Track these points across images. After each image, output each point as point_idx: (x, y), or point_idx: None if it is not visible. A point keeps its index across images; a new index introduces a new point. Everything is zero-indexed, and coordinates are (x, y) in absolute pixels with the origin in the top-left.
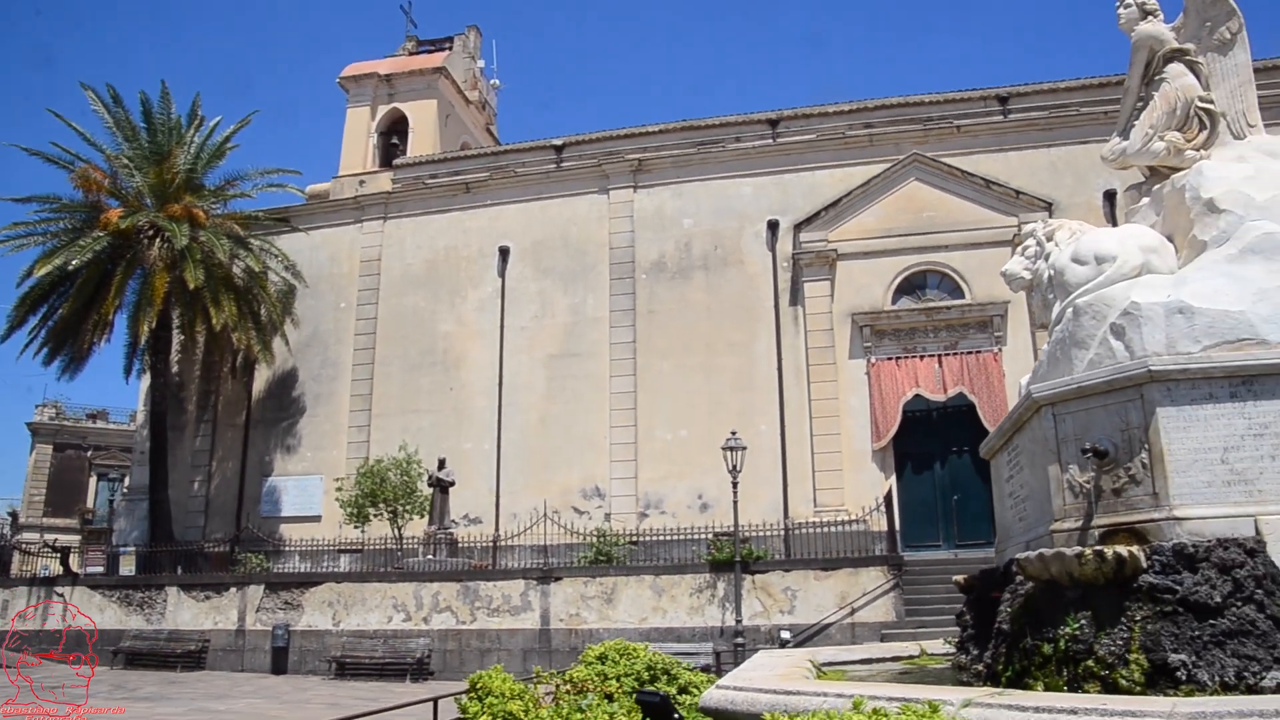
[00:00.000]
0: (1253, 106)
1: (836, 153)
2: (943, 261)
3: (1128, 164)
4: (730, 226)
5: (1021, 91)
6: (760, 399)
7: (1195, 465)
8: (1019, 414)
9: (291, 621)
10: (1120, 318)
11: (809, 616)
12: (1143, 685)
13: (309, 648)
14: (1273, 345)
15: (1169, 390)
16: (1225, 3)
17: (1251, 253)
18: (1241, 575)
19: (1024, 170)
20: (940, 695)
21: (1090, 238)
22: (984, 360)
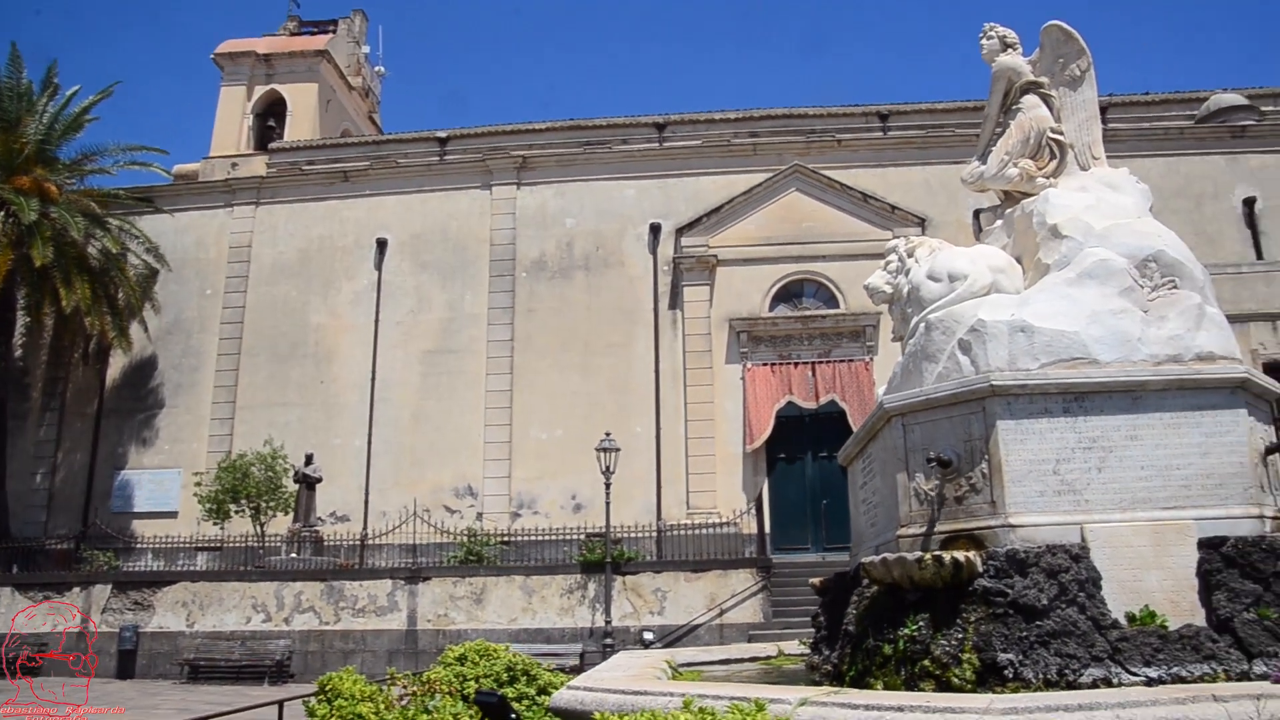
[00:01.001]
0: (1098, 140)
1: (721, 160)
2: (820, 271)
3: (984, 187)
4: (613, 228)
5: (901, 110)
6: (637, 401)
7: (1030, 475)
8: (873, 423)
9: (141, 623)
10: (968, 334)
11: (678, 618)
12: (973, 683)
13: (160, 650)
14: (1103, 365)
15: (1009, 404)
16: (1076, 42)
17: (1088, 277)
18: (1066, 579)
19: (900, 186)
20: (778, 695)
21: (945, 256)
22: (856, 369)
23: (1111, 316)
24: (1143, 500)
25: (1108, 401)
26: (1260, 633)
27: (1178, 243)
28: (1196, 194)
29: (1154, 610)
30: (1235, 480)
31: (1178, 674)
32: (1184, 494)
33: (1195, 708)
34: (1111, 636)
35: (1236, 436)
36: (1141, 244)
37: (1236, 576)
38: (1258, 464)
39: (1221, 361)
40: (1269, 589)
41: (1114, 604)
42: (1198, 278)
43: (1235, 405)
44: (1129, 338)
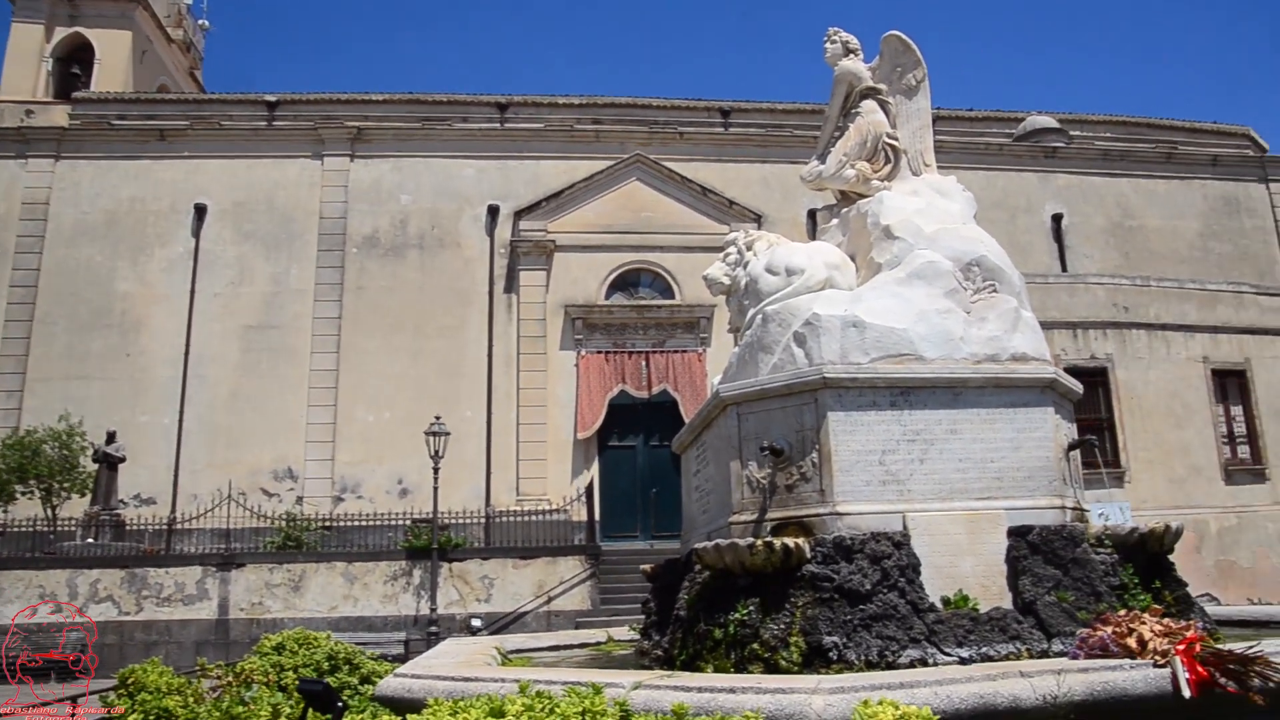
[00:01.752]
0: (929, 148)
1: (563, 145)
2: (657, 261)
3: (822, 186)
4: (450, 207)
5: (743, 108)
6: (468, 384)
7: (858, 465)
8: (708, 412)
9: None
10: (803, 327)
11: (506, 605)
12: (800, 665)
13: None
14: (928, 361)
15: (840, 396)
16: (914, 53)
17: (916, 277)
18: (889, 565)
19: (739, 181)
20: (612, 679)
21: (784, 250)
22: (689, 360)
23: (937, 316)
24: (960, 491)
25: (931, 396)
26: (1059, 614)
27: (998, 249)
28: (1011, 207)
29: (967, 594)
30: (1042, 473)
31: (986, 654)
32: (997, 485)
33: (1004, 683)
34: (928, 619)
35: (1045, 433)
36: (966, 248)
37: (1040, 563)
38: (1061, 459)
39: (1034, 363)
40: (1068, 574)
41: (931, 589)
42: (1015, 283)
43: (1044, 404)
44: (952, 336)
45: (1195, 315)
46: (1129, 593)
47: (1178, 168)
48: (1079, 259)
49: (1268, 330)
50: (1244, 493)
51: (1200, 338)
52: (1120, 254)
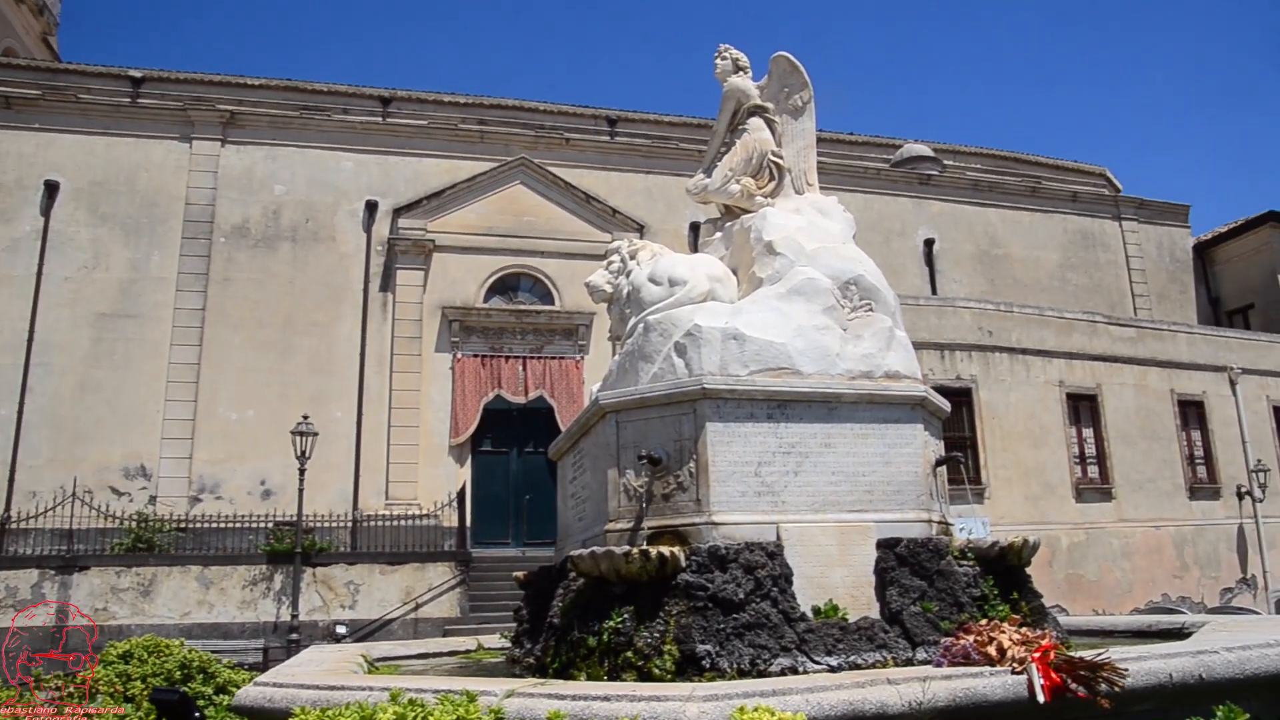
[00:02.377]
0: (813, 168)
1: (447, 143)
2: (538, 266)
3: (707, 199)
4: (326, 200)
5: (629, 117)
6: (339, 384)
7: (734, 476)
8: (586, 419)
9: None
10: (684, 337)
11: (372, 612)
12: (673, 674)
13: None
14: (806, 375)
15: (718, 407)
16: (801, 74)
17: (796, 293)
18: (762, 575)
19: (623, 191)
20: (485, 687)
21: (667, 261)
22: (566, 366)
23: (815, 332)
24: (832, 503)
25: (807, 410)
26: (924, 624)
27: (875, 270)
28: (886, 230)
29: (837, 604)
30: (911, 488)
31: (855, 662)
32: (867, 499)
33: (873, 691)
34: (799, 629)
35: (914, 448)
36: (845, 267)
37: (907, 574)
38: (929, 474)
39: (906, 380)
40: (932, 585)
41: (803, 598)
42: (890, 303)
43: (914, 420)
44: (829, 352)
45: (1053, 341)
46: (989, 603)
47: (1041, 201)
48: (948, 283)
49: (1118, 358)
50: (1093, 510)
51: (1057, 363)
52: (987, 280)
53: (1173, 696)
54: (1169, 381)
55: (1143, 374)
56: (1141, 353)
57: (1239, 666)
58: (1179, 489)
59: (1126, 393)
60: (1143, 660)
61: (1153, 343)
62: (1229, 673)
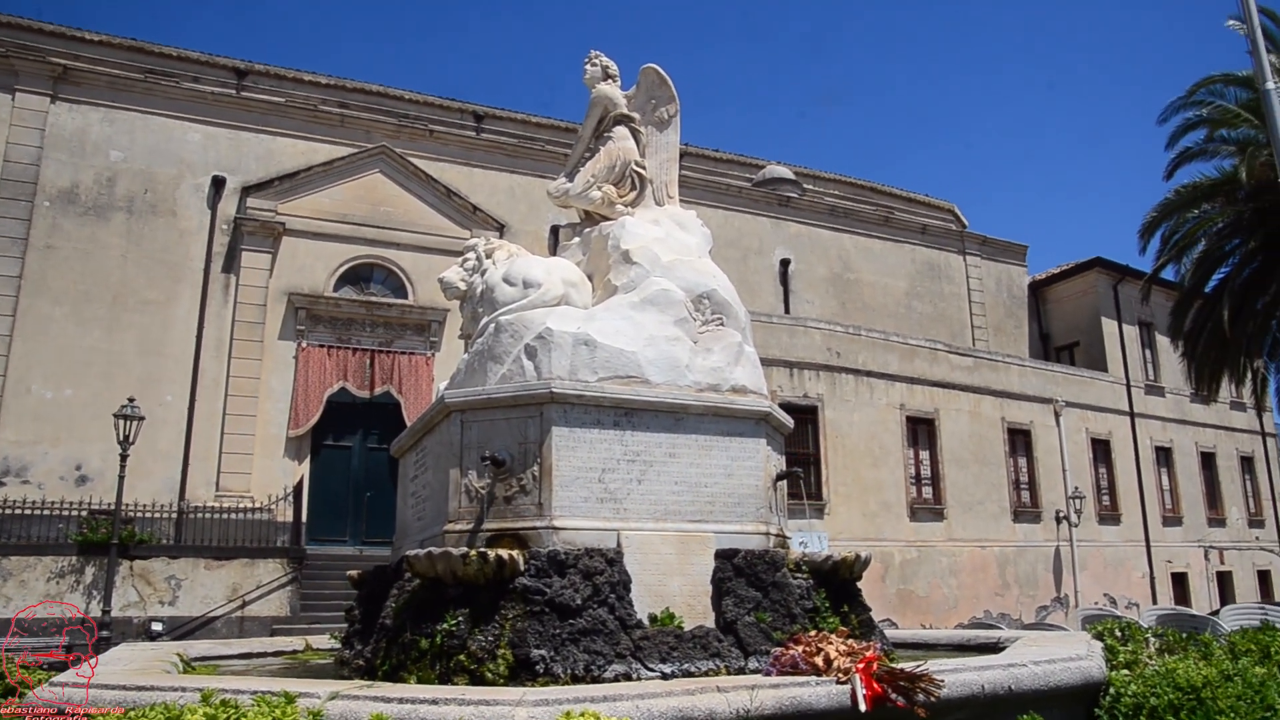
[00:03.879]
0: (674, 181)
1: (304, 124)
2: (392, 259)
3: (568, 204)
4: (168, 172)
5: (497, 114)
6: (172, 367)
7: (577, 481)
8: (431, 416)
9: None
10: (535, 340)
11: (194, 609)
12: (506, 678)
13: None
14: (654, 385)
15: (565, 412)
16: (669, 88)
17: (650, 303)
18: (600, 581)
19: (485, 188)
20: (307, 688)
21: (523, 262)
22: (416, 362)
23: (666, 342)
24: (674, 512)
25: (654, 420)
26: (757, 634)
27: (729, 285)
28: (745, 248)
29: (674, 612)
30: (751, 500)
31: (688, 670)
32: (708, 509)
33: (702, 698)
34: (635, 636)
35: (756, 462)
36: (700, 281)
37: (743, 585)
38: (770, 488)
39: (752, 395)
40: (768, 596)
41: (640, 606)
42: (741, 319)
43: (758, 435)
44: (679, 364)
45: (897, 366)
46: (820, 615)
47: (893, 231)
48: (801, 303)
49: (955, 385)
50: (925, 529)
51: (899, 386)
52: (838, 302)
53: (985, 705)
54: (1001, 410)
55: (977, 401)
56: (977, 381)
57: (1044, 679)
58: (1005, 511)
59: (962, 418)
60: (958, 672)
61: (988, 373)
62: (1035, 684)
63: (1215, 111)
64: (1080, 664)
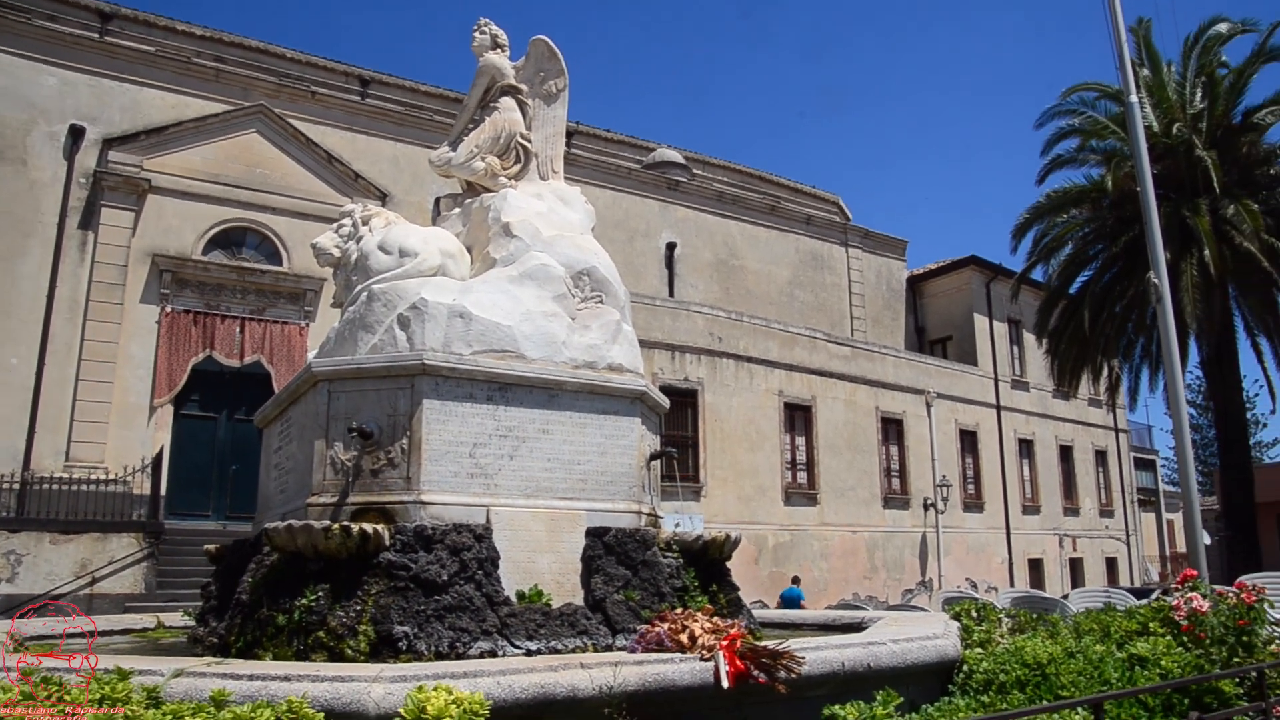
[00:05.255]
0: (559, 156)
1: (175, 76)
2: (267, 223)
3: (450, 174)
4: (19, 117)
5: (384, 80)
6: (18, 327)
7: (448, 456)
8: (297, 386)
9: None
10: (409, 310)
11: (37, 586)
12: (367, 655)
13: None
14: (530, 360)
15: (437, 385)
16: (559, 62)
17: (529, 278)
18: (468, 558)
19: (368, 155)
20: (151, 665)
21: (400, 230)
22: (289, 332)
23: (543, 318)
24: (546, 489)
25: (528, 395)
26: (626, 611)
27: (609, 264)
28: (632, 229)
29: (542, 590)
30: (624, 479)
31: (555, 647)
32: (581, 487)
33: (565, 674)
34: (502, 613)
35: (630, 441)
36: (580, 257)
37: (613, 563)
38: (643, 467)
39: (628, 374)
40: (637, 574)
41: (509, 583)
42: (620, 298)
43: (633, 414)
44: (555, 339)
45: (777, 353)
46: (689, 594)
47: (779, 220)
48: (686, 287)
49: (832, 373)
50: (798, 513)
51: (778, 373)
52: (722, 288)
53: (844, 682)
54: (875, 399)
55: (854, 390)
56: (854, 371)
57: (901, 656)
58: (875, 498)
59: (838, 406)
60: (820, 650)
61: (865, 362)
62: (893, 662)
63: (1086, 122)
64: (936, 643)
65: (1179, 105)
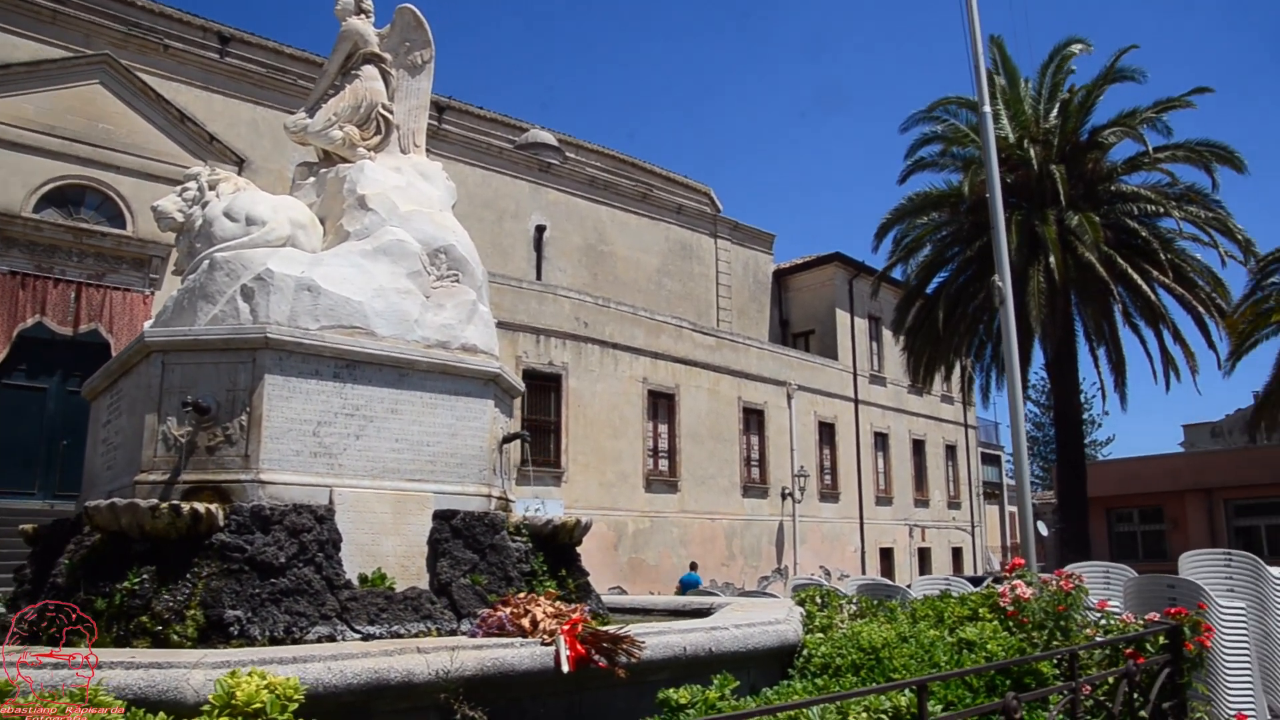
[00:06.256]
0: (422, 130)
1: (5, 14)
2: (110, 183)
3: (306, 141)
4: None
5: (245, 39)
6: None
7: (290, 434)
8: (129, 356)
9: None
10: (253, 281)
11: None
12: (195, 640)
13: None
14: (380, 338)
15: (281, 360)
16: (425, 32)
17: (383, 253)
18: (308, 539)
19: (225, 117)
20: None
21: (248, 197)
22: (131, 300)
23: (396, 295)
24: (393, 470)
25: (377, 374)
26: (471, 596)
27: (468, 242)
28: (501, 209)
29: (386, 573)
30: (474, 461)
31: (397, 631)
32: (429, 469)
33: (400, 659)
34: (342, 596)
35: (482, 423)
36: (438, 235)
37: (460, 546)
38: (494, 450)
39: (482, 355)
40: (485, 559)
41: (351, 566)
42: (478, 277)
43: (485, 396)
44: (408, 318)
45: (643, 340)
46: (537, 579)
47: (650, 208)
48: (554, 271)
49: (697, 363)
50: (659, 500)
51: (644, 360)
52: (590, 273)
53: (686, 667)
54: (738, 389)
55: (717, 380)
56: (718, 361)
57: (743, 641)
58: (735, 486)
59: (701, 395)
60: (663, 635)
61: (729, 353)
62: (735, 646)
63: (948, 129)
64: (778, 628)
65: (1034, 120)
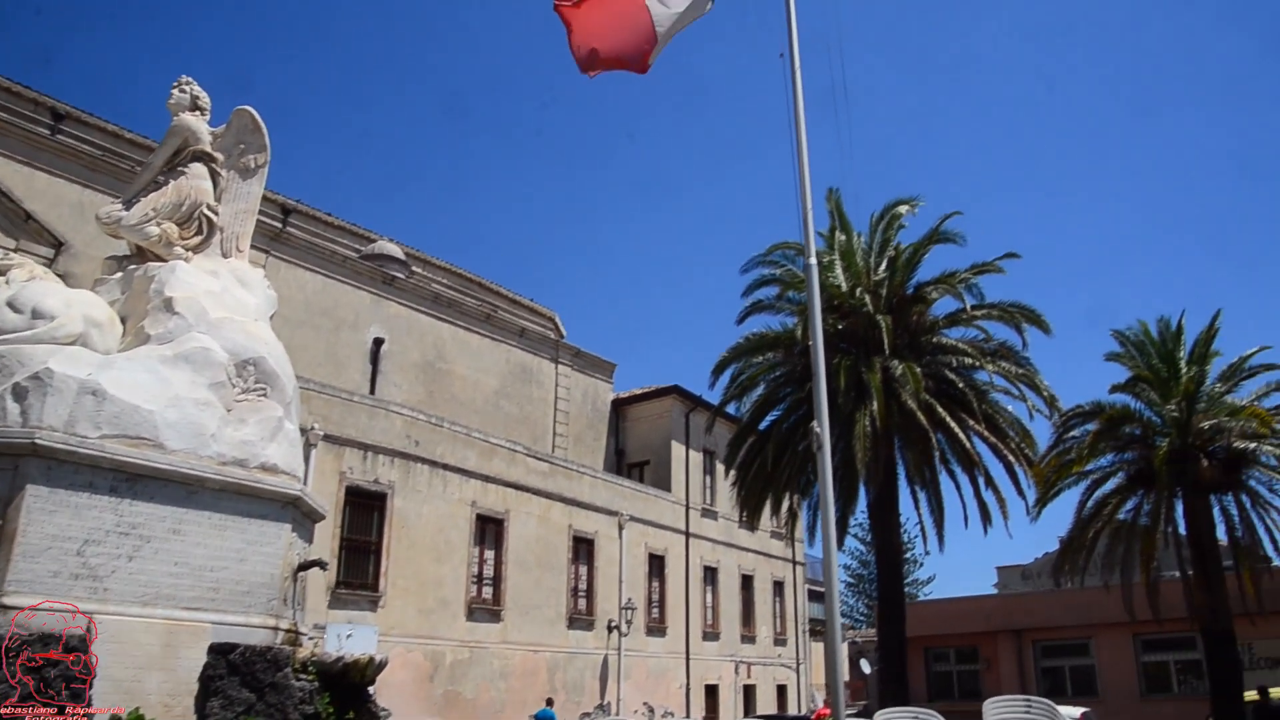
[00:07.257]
0: (247, 235)
1: None
2: None
3: (119, 234)
4: None
5: (81, 118)
6: None
7: (50, 553)
8: None
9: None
10: (29, 380)
11: None
12: None
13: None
14: (170, 451)
15: (49, 469)
16: (262, 136)
17: (185, 360)
18: (52, 675)
19: (49, 196)
20: None
21: (39, 288)
22: None
23: (194, 406)
24: (168, 597)
25: (162, 490)
26: None
27: (282, 355)
28: (339, 319)
29: (144, 714)
30: (263, 590)
31: None
32: (211, 597)
33: None
34: None
35: (276, 549)
36: (249, 345)
37: (236, 684)
38: (288, 578)
39: (283, 476)
40: (263, 699)
41: (106, 703)
42: (289, 393)
43: (283, 519)
44: (204, 431)
45: (475, 462)
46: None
47: (493, 329)
48: (389, 386)
49: (529, 488)
50: (480, 629)
51: (474, 483)
52: (427, 391)
53: None
54: (570, 517)
55: (548, 507)
56: (551, 487)
57: None
58: (560, 617)
59: (531, 522)
60: None
61: (562, 480)
62: None
63: (785, 274)
64: None
65: (865, 271)
